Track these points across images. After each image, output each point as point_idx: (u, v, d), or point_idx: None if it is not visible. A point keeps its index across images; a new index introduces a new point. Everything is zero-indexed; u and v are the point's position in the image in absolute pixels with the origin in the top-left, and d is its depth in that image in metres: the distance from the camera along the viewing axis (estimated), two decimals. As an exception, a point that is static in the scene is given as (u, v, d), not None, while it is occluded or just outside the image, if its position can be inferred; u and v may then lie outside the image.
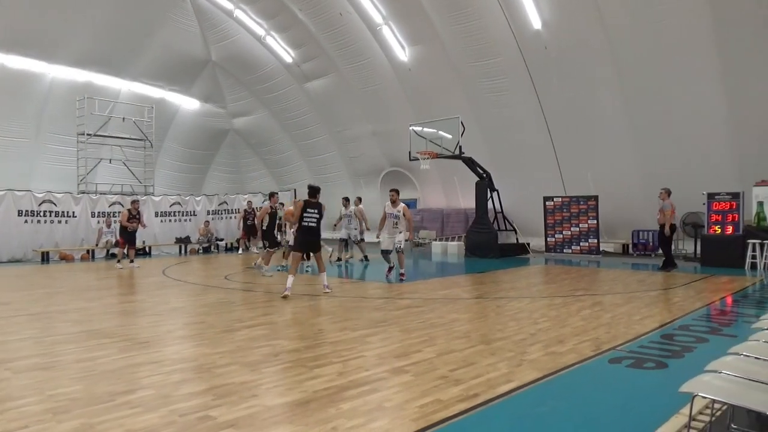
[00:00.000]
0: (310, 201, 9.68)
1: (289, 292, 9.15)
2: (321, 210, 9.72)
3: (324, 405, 3.99)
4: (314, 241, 9.81)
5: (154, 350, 5.70)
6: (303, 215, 9.56)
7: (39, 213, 17.48)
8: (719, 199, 13.92)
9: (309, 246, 9.85)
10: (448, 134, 17.31)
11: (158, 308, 8.46)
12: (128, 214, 14.85)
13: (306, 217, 9.56)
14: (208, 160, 28.01)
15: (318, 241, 9.93)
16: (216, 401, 4.07)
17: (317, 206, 9.68)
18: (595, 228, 17.02)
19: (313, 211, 9.62)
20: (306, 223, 9.57)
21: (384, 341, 6.03)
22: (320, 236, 10.00)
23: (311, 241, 9.76)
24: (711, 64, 13.92)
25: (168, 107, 24.63)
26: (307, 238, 9.67)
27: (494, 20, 16.66)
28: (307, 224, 9.57)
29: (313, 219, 9.60)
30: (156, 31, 21.84)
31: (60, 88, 20.71)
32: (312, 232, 9.66)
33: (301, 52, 22.40)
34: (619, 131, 16.22)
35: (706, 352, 5.30)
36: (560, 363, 5.09)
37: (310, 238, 9.70)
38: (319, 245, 9.98)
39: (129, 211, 14.96)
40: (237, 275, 12.99)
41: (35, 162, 20.84)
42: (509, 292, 10.00)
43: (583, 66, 16.06)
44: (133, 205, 15.18)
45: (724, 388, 2.97)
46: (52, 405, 3.99)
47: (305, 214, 9.57)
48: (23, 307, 8.49)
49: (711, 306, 8.31)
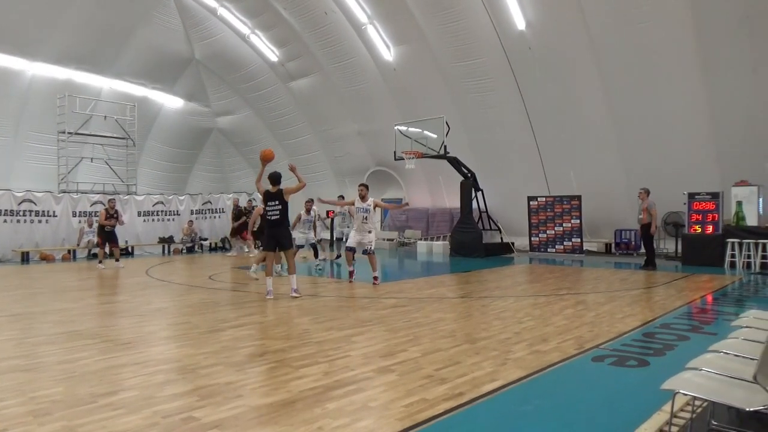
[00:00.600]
0: (270, 192, 9.07)
1: (271, 296, 9.02)
2: (282, 198, 9.04)
3: (309, 405, 3.98)
4: (282, 235, 9.16)
5: (137, 351, 5.64)
6: (265, 208, 9.05)
7: (19, 212, 17.21)
8: (699, 199, 14.13)
9: (277, 241, 9.18)
10: (433, 134, 17.36)
11: (141, 309, 8.37)
12: (106, 213, 14.76)
13: (269, 210, 9.03)
14: (192, 159, 27.75)
15: (286, 235, 9.30)
16: (200, 402, 4.05)
17: (278, 195, 9.04)
18: (578, 227, 17.18)
19: (274, 203, 9.02)
20: (269, 216, 9.03)
21: (370, 341, 6.03)
22: (287, 228, 9.37)
23: (278, 235, 9.12)
24: (692, 64, 14.11)
25: (151, 106, 24.35)
26: (273, 232, 9.10)
27: (479, 21, 16.73)
28: (270, 217, 9.03)
29: (275, 211, 9.01)
30: (138, 29, 21.58)
31: (40, 85, 20.36)
32: (276, 225, 9.05)
33: (285, 50, 22.30)
34: (602, 131, 16.39)
35: (687, 349, 5.38)
36: (544, 361, 5.14)
37: (276, 231, 9.09)
38: (288, 240, 9.36)
39: (106, 210, 14.87)
40: (221, 275, 12.90)
41: (15, 161, 20.47)
42: (494, 291, 10.06)
43: (566, 66, 16.20)
44: (110, 204, 15.11)
45: (704, 385, 3.02)
46: (34, 407, 3.94)
47: (267, 206, 9.04)
48: (3, 308, 8.35)
49: (692, 304, 8.43)
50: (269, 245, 9.30)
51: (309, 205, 13.49)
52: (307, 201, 13.67)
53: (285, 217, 9.16)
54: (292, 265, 9.30)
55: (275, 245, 9.27)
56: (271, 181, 9.22)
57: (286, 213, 9.17)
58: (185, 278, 12.65)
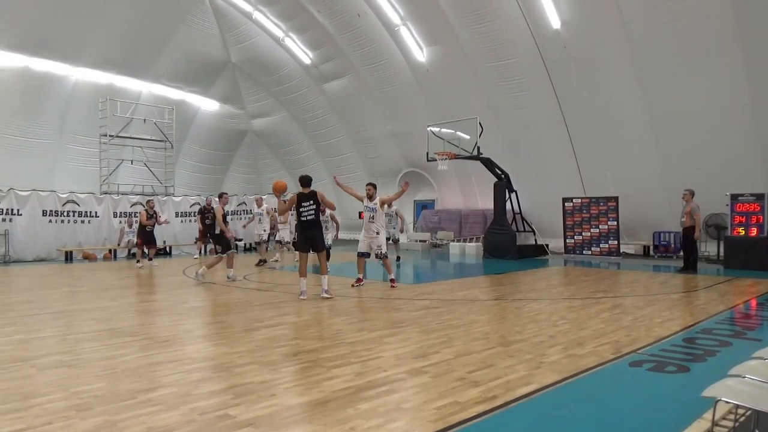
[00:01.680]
0: (303, 193, 9.10)
1: (305, 296, 9.07)
2: (317, 199, 9.05)
3: (342, 405, 4.00)
4: (315, 235, 9.15)
5: (174, 349, 5.77)
6: (299, 210, 9.06)
7: (63, 213, 17.80)
8: (743, 200, 13.69)
9: (311, 242, 9.15)
10: (466, 135, 17.25)
11: (178, 307, 8.55)
12: (146, 213, 15.21)
13: (302, 211, 9.03)
14: (227, 160, 28.28)
15: (319, 236, 9.28)
16: (235, 400, 4.11)
17: (311, 196, 9.06)
18: (615, 229, 16.82)
19: (308, 203, 9.03)
20: (304, 217, 9.04)
21: (402, 342, 6.03)
22: (321, 229, 9.41)
23: (312, 235, 9.12)
24: (735, 60, 13.66)
25: (188, 108, 24.92)
26: (307, 232, 9.10)
27: (512, 20, 16.56)
28: (305, 218, 9.04)
29: (310, 211, 9.02)
30: (176, 34, 22.12)
31: (83, 90, 21.07)
32: (311, 225, 9.08)
33: (319, 53, 22.50)
34: (640, 131, 16.02)
35: (729, 356, 5.22)
36: (580, 366, 5.05)
37: (311, 232, 9.10)
38: (321, 241, 9.32)
39: (146, 210, 15.32)
40: (255, 275, 13.08)
41: (59, 163, 21.24)
42: (528, 293, 9.94)
43: (602, 65, 15.90)
44: (148, 204, 15.53)
45: (748, 393, 2.92)
46: (76, 402, 4.06)
47: (301, 207, 9.02)
48: (47, 306, 8.64)
49: (734, 309, 8.17)
50: (303, 246, 9.28)
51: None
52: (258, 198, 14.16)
53: (319, 217, 9.25)
54: (324, 265, 9.35)
55: (309, 246, 9.23)
56: (302, 183, 9.27)
57: (319, 214, 9.26)
58: (220, 278, 12.86)
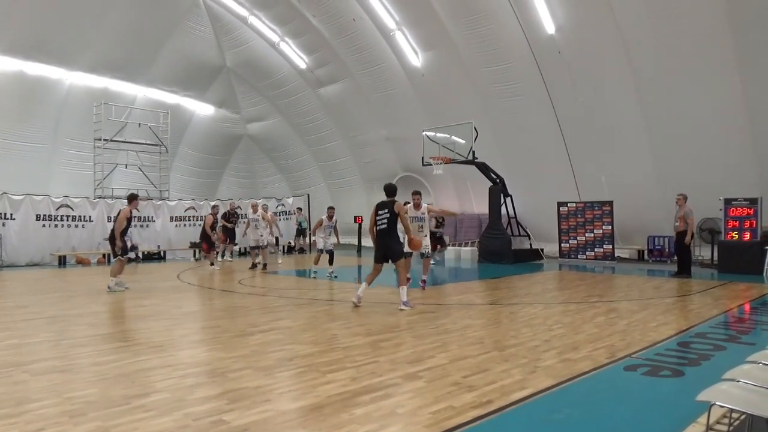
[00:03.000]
0: (383, 202, 8.75)
1: (357, 300, 8.75)
2: (394, 209, 8.60)
3: (337, 410, 3.99)
4: (388, 246, 8.73)
5: (168, 354, 5.74)
6: (375, 218, 8.77)
7: (56, 217, 17.72)
8: (736, 205, 13.76)
9: (384, 252, 8.75)
10: (462, 139, 17.30)
11: (172, 312, 8.51)
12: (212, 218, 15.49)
13: (377, 220, 8.70)
14: (223, 165, 28.22)
15: (394, 246, 8.80)
16: (229, 405, 4.09)
17: (389, 205, 8.65)
18: (609, 234, 16.87)
19: (384, 212, 8.64)
20: (377, 227, 8.71)
21: (397, 347, 6.02)
22: (397, 239, 8.91)
23: (385, 246, 8.73)
24: (729, 65, 13.74)
25: (183, 113, 24.87)
26: (380, 242, 8.76)
27: (507, 25, 16.63)
28: (378, 227, 8.71)
29: (383, 220, 8.62)
30: (171, 38, 22.10)
31: (77, 94, 21.00)
32: (383, 235, 8.69)
33: (314, 57, 22.52)
34: (634, 135, 16.08)
35: (723, 360, 5.23)
36: (575, 370, 5.05)
37: (384, 242, 8.73)
38: (397, 251, 8.85)
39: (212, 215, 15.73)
40: (250, 280, 13.05)
41: (53, 167, 21.13)
42: (523, 298, 9.94)
43: (597, 69, 15.97)
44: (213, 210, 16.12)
45: (742, 397, 2.93)
46: (69, 408, 4.03)
47: (377, 216, 8.70)
48: (41, 311, 8.59)
49: (728, 313, 8.20)
50: (377, 256, 8.86)
51: (331, 212, 13.63)
52: (329, 208, 13.92)
53: (393, 227, 8.72)
54: (402, 277, 8.83)
55: (383, 257, 8.80)
56: (388, 191, 8.82)
57: (394, 223, 8.71)
58: (215, 282, 12.83)
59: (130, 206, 11.35)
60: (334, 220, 13.66)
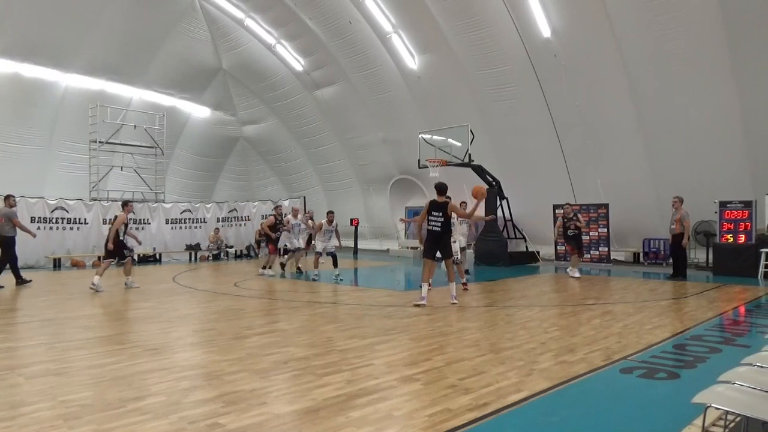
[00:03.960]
0: (436, 201, 8.89)
1: (425, 302, 8.83)
2: (447, 210, 8.81)
3: (333, 413, 3.98)
4: (441, 246, 8.98)
5: (163, 357, 5.72)
6: (428, 218, 8.86)
7: (51, 220, 17.64)
8: (731, 208, 13.81)
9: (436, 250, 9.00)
10: (458, 142, 17.33)
11: (168, 315, 8.49)
12: (274, 219, 14.92)
13: (431, 220, 8.82)
14: (219, 167, 28.17)
15: (446, 245, 9.05)
16: (225, 408, 4.08)
17: (443, 207, 8.82)
18: (605, 236, 16.92)
19: (438, 214, 8.83)
20: (430, 227, 8.83)
21: (393, 349, 6.01)
22: (449, 239, 9.16)
23: (438, 246, 8.96)
24: (722, 69, 13.80)
25: (179, 115, 24.83)
26: (431, 242, 8.93)
27: (504, 29, 16.67)
28: (431, 227, 8.83)
29: (437, 222, 8.81)
30: (167, 40, 22.07)
31: (73, 96, 20.94)
32: (436, 236, 8.90)
33: (311, 60, 22.53)
34: (630, 138, 16.14)
35: (719, 362, 5.24)
36: (571, 372, 5.06)
37: (435, 243, 8.92)
38: (448, 250, 9.11)
39: (274, 216, 15.05)
40: (246, 282, 13.02)
41: (48, 169, 21.06)
42: (519, 300, 9.96)
43: (592, 73, 16.02)
44: (277, 210, 15.42)
45: (737, 399, 2.94)
46: (64, 411, 4.02)
47: (430, 216, 8.84)
48: (35, 314, 8.56)
49: (724, 316, 8.22)
50: (427, 254, 9.10)
51: (331, 217, 13.68)
52: (329, 212, 13.94)
53: (447, 228, 9.00)
54: (450, 273, 9.23)
55: (433, 255, 9.09)
56: (439, 191, 9.05)
57: (448, 225, 9.01)
58: (211, 285, 12.80)
59: (125, 211, 12.19)
60: (334, 224, 13.74)
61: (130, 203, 12.79)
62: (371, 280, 13.45)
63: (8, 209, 12.62)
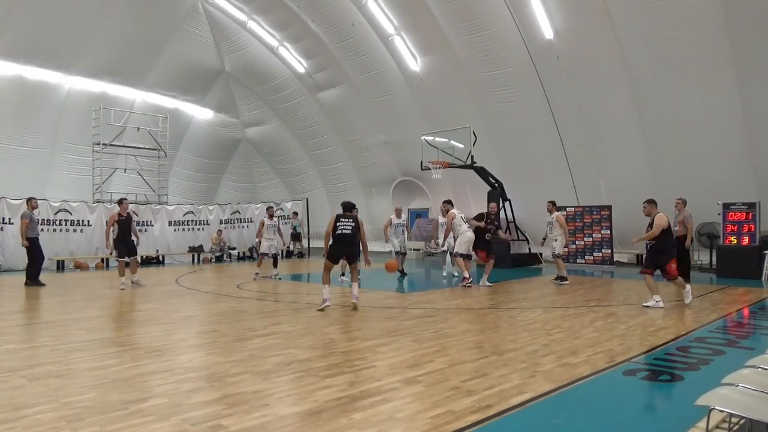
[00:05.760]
0: (345, 213, 9.51)
1: (328, 303, 8.92)
2: (357, 221, 9.43)
3: (335, 415, 3.98)
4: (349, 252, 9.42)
5: (166, 359, 5.72)
6: (336, 224, 9.27)
7: (55, 221, 17.68)
8: (735, 209, 13.77)
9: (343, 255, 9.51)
10: (460, 144, 17.32)
11: (171, 317, 8.50)
12: None
13: (339, 225, 9.26)
14: (221, 169, 28.22)
15: (354, 251, 9.47)
16: (228, 410, 4.08)
17: (353, 218, 9.46)
18: (608, 238, 16.87)
19: (347, 220, 9.36)
20: (339, 231, 9.23)
21: (396, 351, 6.00)
22: (356, 245, 9.50)
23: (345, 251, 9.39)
24: (725, 70, 13.78)
25: (182, 117, 24.87)
26: (340, 247, 9.29)
27: (506, 30, 16.66)
28: (340, 231, 9.23)
29: (348, 226, 9.30)
30: (170, 42, 22.12)
31: (76, 98, 20.99)
32: (345, 240, 9.26)
33: (313, 62, 22.55)
34: (633, 140, 16.12)
35: (722, 364, 5.23)
36: (574, 374, 5.04)
37: (344, 248, 9.33)
38: (355, 254, 9.52)
39: None
40: (249, 284, 13.02)
41: (51, 171, 21.11)
42: (522, 302, 9.94)
43: (595, 75, 16.01)
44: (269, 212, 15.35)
45: (741, 402, 2.92)
46: (66, 413, 4.02)
47: (338, 223, 9.29)
48: (38, 315, 8.58)
49: (727, 318, 8.20)
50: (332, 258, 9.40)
51: (271, 212, 14.15)
52: (268, 208, 14.39)
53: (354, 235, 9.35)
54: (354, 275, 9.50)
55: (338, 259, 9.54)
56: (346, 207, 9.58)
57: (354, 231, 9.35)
58: (214, 287, 12.81)
59: (120, 209, 12.34)
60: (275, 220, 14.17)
61: (125, 200, 12.86)
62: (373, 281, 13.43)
63: (29, 212, 12.96)
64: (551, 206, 13.08)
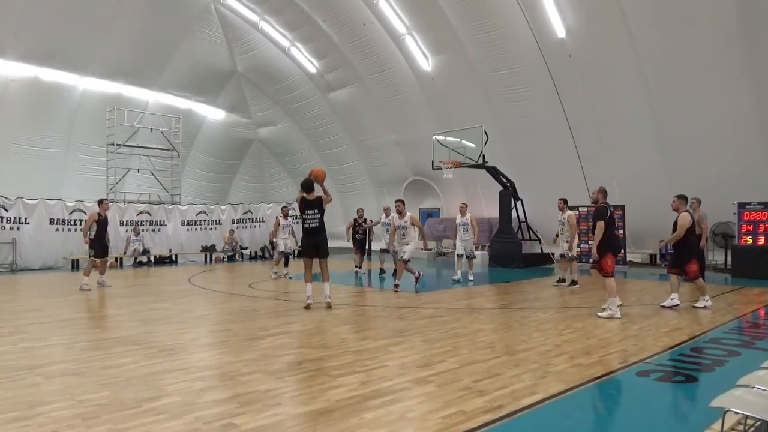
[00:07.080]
0: (307, 199, 8.91)
1: (311, 300, 9.05)
2: (322, 205, 8.87)
3: (347, 414, 3.99)
4: (319, 244, 8.96)
5: (179, 357, 5.77)
6: (303, 217, 8.95)
7: (70, 221, 17.88)
8: (750, 209, 13.61)
9: (314, 249, 8.98)
10: (472, 143, 17.27)
11: (184, 316, 8.56)
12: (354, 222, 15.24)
13: (306, 219, 8.89)
14: (233, 169, 28.39)
15: (324, 244, 9.04)
16: (240, 409, 4.10)
17: (316, 204, 8.88)
18: (621, 238, 16.71)
19: (312, 211, 8.85)
20: (307, 225, 8.90)
21: (407, 351, 6.00)
22: (325, 237, 9.07)
23: (315, 244, 8.94)
24: (740, 67, 13.61)
25: (194, 117, 25.06)
26: (309, 240, 8.95)
27: (518, 29, 16.59)
28: (308, 225, 8.89)
29: (314, 219, 8.83)
30: (183, 44, 22.30)
31: (90, 99, 21.23)
32: (314, 233, 8.89)
33: (325, 62, 22.61)
34: (646, 139, 15.97)
35: (738, 366, 5.16)
36: (586, 375, 5.01)
37: (313, 240, 8.92)
38: (325, 249, 9.09)
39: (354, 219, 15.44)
40: (261, 284, 13.08)
41: (66, 172, 21.37)
42: (533, 302, 9.89)
43: (608, 73, 15.88)
44: (359, 212, 15.64)
45: (757, 404, 2.89)
46: (81, 410, 4.06)
47: (304, 215, 8.89)
48: (54, 314, 8.67)
49: (743, 319, 8.10)
50: (306, 253, 9.10)
51: (286, 211, 14.20)
52: (283, 207, 14.39)
53: (322, 224, 9.01)
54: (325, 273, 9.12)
55: (312, 254, 9.06)
56: (306, 188, 8.97)
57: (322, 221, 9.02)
58: (226, 286, 12.88)
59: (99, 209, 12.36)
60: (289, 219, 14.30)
61: (105, 200, 13.07)
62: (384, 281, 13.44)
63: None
64: (562, 204, 12.89)
